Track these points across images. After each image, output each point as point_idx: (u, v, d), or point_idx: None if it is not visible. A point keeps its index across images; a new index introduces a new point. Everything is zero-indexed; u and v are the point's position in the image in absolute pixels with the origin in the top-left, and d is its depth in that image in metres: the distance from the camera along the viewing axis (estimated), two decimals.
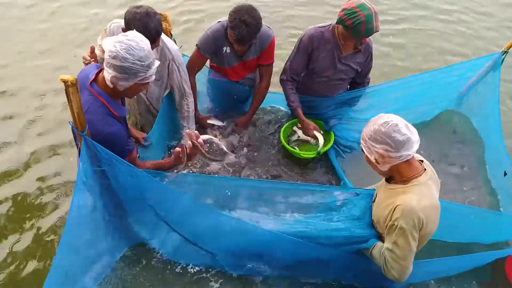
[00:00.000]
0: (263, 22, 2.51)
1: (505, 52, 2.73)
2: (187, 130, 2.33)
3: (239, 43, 2.45)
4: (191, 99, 2.62)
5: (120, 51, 1.65)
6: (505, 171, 2.64)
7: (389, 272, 1.74)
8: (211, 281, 2.13)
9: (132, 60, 1.67)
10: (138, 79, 1.74)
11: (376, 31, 2.35)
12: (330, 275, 2.14)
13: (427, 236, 1.74)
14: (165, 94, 2.63)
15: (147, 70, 1.74)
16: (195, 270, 2.15)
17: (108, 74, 1.72)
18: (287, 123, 2.95)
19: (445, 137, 3.07)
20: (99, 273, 2.02)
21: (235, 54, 2.67)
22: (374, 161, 1.70)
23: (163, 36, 2.35)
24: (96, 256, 2.00)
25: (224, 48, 2.62)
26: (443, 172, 2.74)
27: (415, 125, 1.66)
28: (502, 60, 2.77)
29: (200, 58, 2.66)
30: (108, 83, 1.75)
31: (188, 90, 2.58)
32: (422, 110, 3.10)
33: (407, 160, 1.65)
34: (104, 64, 1.72)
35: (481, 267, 2.23)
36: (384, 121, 1.63)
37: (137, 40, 1.70)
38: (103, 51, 2.41)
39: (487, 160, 2.92)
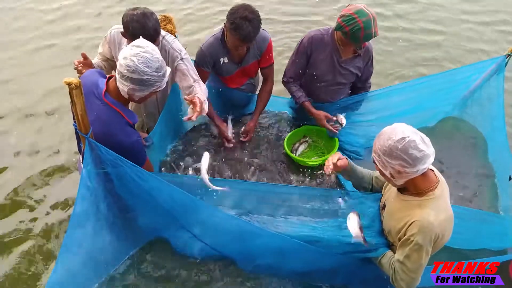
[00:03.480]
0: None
1: (509, 55, 2.72)
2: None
3: (245, 41, 2.38)
4: (201, 84, 2.48)
5: (139, 65, 1.69)
6: (510, 176, 2.62)
7: (398, 282, 1.73)
8: (221, 276, 2.15)
9: (150, 72, 1.72)
10: (154, 88, 1.79)
11: (375, 36, 2.36)
12: (338, 280, 2.13)
13: (441, 246, 1.72)
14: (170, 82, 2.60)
15: (163, 79, 1.79)
16: (205, 265, 2.18)
17: (124, 86, 1.75)
18: (291, 132, 2.92)
19: (449, 142, 3.04)
20: (102, 273, 2.04)
21: (233, 62, 2.66)
22: (389, 175, 1.64)
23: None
24: (99, 257, 2.01)
25: (221, 59, 2.62)
26: (448, 178, 2.71)
27: (418, 130, 1.64)
28: (506, 63, 2.76)
29: (202, 73, 2.60)
30: (124, 94, 1.79)
31: (196, 76, 2.45)
32: (426, 114, 3.08)
33: (424, 173, 1.60)
34: (119, 77, 1.76)
35: None
36: (400, 137, 1.54)
37: (150, 50, 1.74)
38: (105, 59, 2.46)
39: (493, 164, 2.90)
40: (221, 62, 2.63)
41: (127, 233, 2.14)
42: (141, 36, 1.87)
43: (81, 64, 2.23)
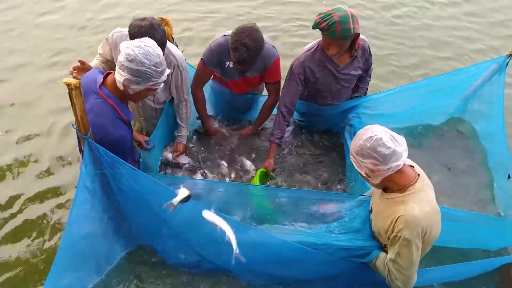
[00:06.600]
0: (269, 40, 2.50)
1: (510, 56, 2.71)
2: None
3: (239, 64, 2.43)
4: (188, 103, 2.65)
5: (139, 55, 1.70)
6: (509, 174, 2.62)
7: (394, 282, 1.73)
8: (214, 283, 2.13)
9: (148, 65, 1.72)
10: (150, 84, 1.79)
11: (355, 33, 2.31)
12: (338, 284, 2.11)
13: (431, 241, 1.72)
14: (169, 98, 2.64)
15: (160, 76, 1.79)
16: (195, 273, 2.16)
17: (121, 76, 1.75)
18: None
19: (449, 142, 3.03)
20: (96, 273, 2.04)
21: (237, 70, 2.63)
22: (365, 175, 1.68)
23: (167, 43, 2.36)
24: (92, 259, 2.02)
25: (227, 62, 2.59)
26: (447, 178, 2.72)
27: (422, 129, 1.63)
28: (507, 64, 2.75)
29: (206, 71, 2.63)
30: (119, 85, 1.78)
31: (185, 96, 2.60)
32: (428, 114, 3.08)
33: (399, 169, 1.62)
34: (117, 67, 1.75)
35: (486, 272, 2.20)
36: (368, 136, 1.60)
37: (153, 46, 1.76)
38: (105, 61, 2.46)
39: (491, 164, 2.91)
40: (226, 65, 2.61)
41: (120, 236, 2.14)
42: None
43: (76, 71, 2.23)
